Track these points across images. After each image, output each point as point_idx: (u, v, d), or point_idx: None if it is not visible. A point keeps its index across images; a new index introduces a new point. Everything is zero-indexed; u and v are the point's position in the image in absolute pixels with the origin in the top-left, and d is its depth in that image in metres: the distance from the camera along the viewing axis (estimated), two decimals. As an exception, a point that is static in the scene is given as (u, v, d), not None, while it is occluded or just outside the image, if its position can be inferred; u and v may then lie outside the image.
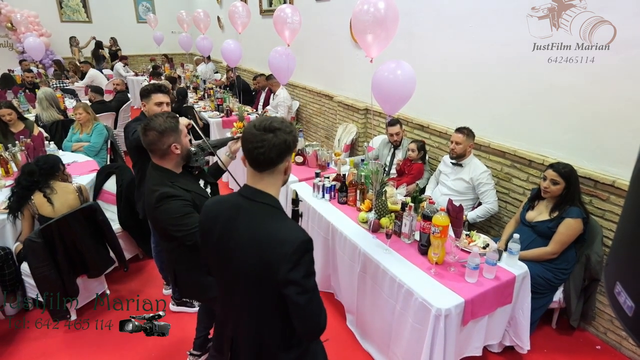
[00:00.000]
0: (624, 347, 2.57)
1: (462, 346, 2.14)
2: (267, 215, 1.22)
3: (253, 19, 6.05)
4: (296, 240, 1.15)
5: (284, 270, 1.13)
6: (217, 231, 1.27)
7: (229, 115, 5.68)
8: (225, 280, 1.32)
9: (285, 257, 1.13)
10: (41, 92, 4.93)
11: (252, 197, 1.24)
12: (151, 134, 1.78)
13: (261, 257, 1.16)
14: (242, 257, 1.20)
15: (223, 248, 1.26)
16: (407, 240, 2.46)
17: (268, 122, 1.20)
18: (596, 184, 2.57)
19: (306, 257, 1.16)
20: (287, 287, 1.14)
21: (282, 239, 1.16)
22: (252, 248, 1.18)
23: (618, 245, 0.62)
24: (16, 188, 2.70)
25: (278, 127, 1.19)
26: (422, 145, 3.61)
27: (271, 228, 1.19)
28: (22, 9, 9.36)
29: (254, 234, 1.19)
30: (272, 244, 1.16)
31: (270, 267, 1.14)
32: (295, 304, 1.16)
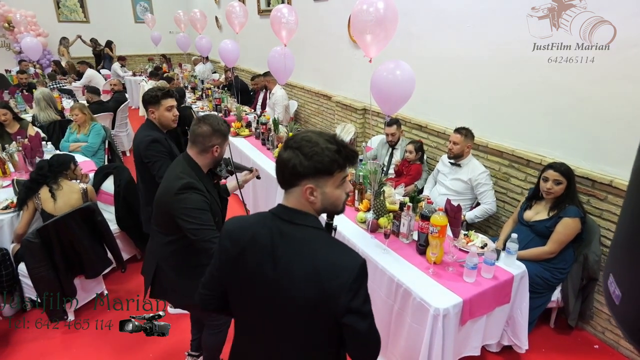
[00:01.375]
0: (621, 346, 2.57)
1: (460, 346, 2.14)
2: (315, 240, 1.11)
3: (251, 19, 6.04)
4: (355, 267, 1.06)
5: (345, 300, 1.04)
6: (253, 259, 1.14)
7: (227, 115, 5.68)
8: (261, 316, 1.18)
9: (345, 286, 1.04)
10: (39, 93, 4.91)
11: (291, 219, 1.13)
12: (204, 128, 1.84)
13: (318, 287, 1.06)
14: (292, 289, 1.09)
15: (264, 279, 1.13)
16: (406, 240, 2.46)
17: (293, 138, 1.12)
18: (594, 184, 2.58)
19: (365, 282, 1.09)
20: (348, 316, 1.06)
21: (340, 266, 1.06)
22: (305, 278, 1.07)
23: (615, 242, 0.62)
24: (27, 181, 2.80)
25: (293, 145, 1.11)
26: (420, 146, 3.61)
27: (324, 254, 1.08)
28: (20, 9, 9.33)
29: (307, 263, 1.08)
30: (330, 273, 1.05)
31: (328, 297, 1.05)
32: (357, 331, 1.08)
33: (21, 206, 2.76)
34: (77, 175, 3.03)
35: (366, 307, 1.09)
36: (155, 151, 2.49)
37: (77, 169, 3.06)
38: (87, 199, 2.88)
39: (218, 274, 1.24)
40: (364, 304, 1.07)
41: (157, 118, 2.57)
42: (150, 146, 2.49)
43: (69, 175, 2.94)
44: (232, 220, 1.23)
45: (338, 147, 1.09)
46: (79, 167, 3.10)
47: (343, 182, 1.15)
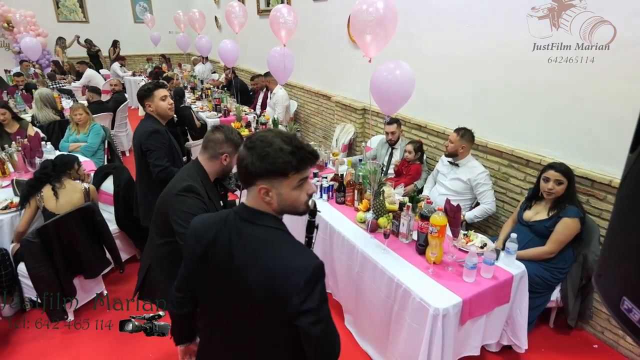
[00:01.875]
0: (621, 345, 2.58)
1: (460, 346, 2.15)
2: (272, 240, 1.10)
3: (250, 19, 6.04)
4: (308, 268, 1.04)
5: (297, 302, 1.02)
6: (215, 258, 1.15)
7: (227, 115, 5.68)
8: (221, 315, 1.19)
9: (297, 288, 1.02)
10: (37, 93, 4.91)
11: (252, 219, 1.12)
12: (218, 135, 1.87)
13: (270, 289, 1.05)
14: (248, 289, 1.09)
15: (223, 278, 1.14)
16: (405, 240, 2.46)
17: (251, 138, 1.11)
18: (593, 184, 2.58)
19: (319, 284, 1.06)
20: (300, 318, 1.04)
21: (292, 267, 1.04)
22: (259, 279, 1.07)
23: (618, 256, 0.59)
24: (31, 180, 2.84)
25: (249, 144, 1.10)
26: (420, 146, 3.61)
27: (279, 255, 1.07)
28: (19, 9, 9.32)
29: (261, 263, 1.07)
30: (282, 274, 1.04)
31: (281, 298, 1.04)
32: (309, 335, 1.06)
33: (23, 204, 2.77)
34: (80, 175, 3.05)
35: (321, 311, 1.07)
36: (155, 141, 2.57)
37: (81, 169, 3.07)
38: (89, 199, 2.88)
39: (187, 274, 1.26)
40: (317, 307, 1.05)
41: (155, 110, 2.65)
42: (151, 136, 2.57)
43: (72, 175, 2.95)
44: (197, 218, 1.23)
45: (293, 148, 1.06)
46: (82, 167, 3.11)
47: (302, 183, 1.12)
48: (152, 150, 2.55)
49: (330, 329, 1.12)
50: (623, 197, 0.59)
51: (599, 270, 0.64)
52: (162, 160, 2.55)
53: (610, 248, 0.63)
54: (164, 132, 2.64)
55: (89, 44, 10.30)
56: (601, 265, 0.64)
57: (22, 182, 3.08)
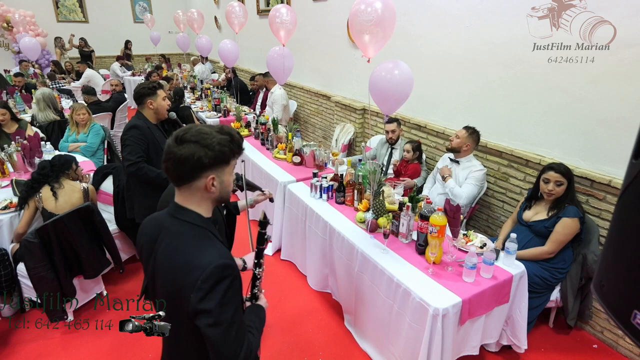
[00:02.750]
0: (620, 345, 2.58)
1: (459, 345, 2.15)
2: (185, 236, 1.11)
3: (250, 19, 6.04)
4: (208, 266, 1.03)
5: (194, 300, 1.02)
6: (144, 253, 1.20)
7: (227, 115, 5.68)
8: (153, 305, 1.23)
9: (194, 285, 1.02)
10: (39, 93, 4.90)
11: (175, 214, 1.14)
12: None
13: (174, 284, 1.07)
14: (160, 282, 1.13)
15: (150, 272, 1.18)
16: (405, 240, 2.46)
17: (184, 132, 1.09)
18: (592, 184, 2.58)
19: (221, 285, 1.03)
20: (197, 317, 1.03)
21: (193, 264, 1.04)
22: (167, 273, 1.10)
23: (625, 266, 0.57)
24: (29, 180, 2.84)
25: (191, 139, 1.08)
26: (418, 145, 3.61)
27: (185, 250, 1.08)
28: (18, 9, 9.32)
29: (169, 257, 1.10)
30: (184, 269, 1.05)
31: (182, 294, 1.04)
32: (207, 336, 1.04)
33: (22, 205, 2.77)
34: (78, 176, 3.05)
35: (221, 315, 1.03)
36: (131, 136, 2.64)
37: (79, 169, 3.07)
38: (88, 199, 2.88)
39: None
40: (216, 308, 1.02)
41: (156, 108, 2.73)
42: (129, 131, 2.66)
43: (71, 175, 2.95)
44: (149, 216, 1.27)
45: (229, 136, 1.13)
46: (80, 167, 3.11)
47: (233, 168, 1.20)
48: (126, 144, 2.63)
49: (233, 336, 1.06)
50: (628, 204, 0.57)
51: (601, 280, 0.62)
52: (133, 155, 2.62)
53: (613, 257, 0.60)
54: (145, 129, 2.69)
55: (84, 42, 10.21)
56: (603, 275, 0.62)
57: (21, 182, 3.07)
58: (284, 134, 4.20)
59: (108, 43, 11.07)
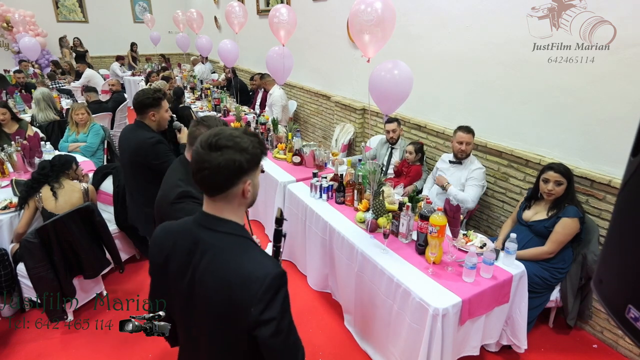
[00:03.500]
0: (620, 345, 2.58)
1: (459, 346, 2.15)
2: (231, 248, 1.06)
3: (250, 19, 6.04)
4: (267, 277, 1.00)
5: (256, 312, 0.99)
6: (174, 268, 1.11)
7: (226, 115, 5.68)
8: (186, 323, 1.16)
9: (255, 297, 0.99)
10: (38, 93, 4.91)
11: (211, 226, 1.08)
12: (203, 130, 1.79)
13: (228, 299, 1.02)
14: (206, 299, 1.06)
15: (183, 288, 1.10)
16: (405, 240, 2.46)
17: (216, 138, 1.02)
18: (592, 184, 2.58)
19: (280, 294, 1.02)
20: (259, 329, 1.00)
21: (250, 276, 1.00)
22: (217, 289, 1.03)
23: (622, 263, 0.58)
24: (29, 180, 2.83)
25: (226, 144, 1.02)
26: (420, 147, 3.60)
27: (237, 263, 1.03)
28: (18, 9, 9.31)
29: (218, 272, 1.04)
30: (240, 283, 1.00)
31: (239, 309, 1.00)
32: (269, 346, 1.02)
33: (22, 205, 2.77)
34: (78, 176, 3.05)
35: (282, 322, 1.02)
36: (165, 151, 2.49)
37: (79, 169, 3.07)
38: (87, 199, 2.88)
39: (154, 284, 1.23)
40: (278, 317, 1.01)
41: (158, 121, 2.54)
42: (157, 147, 2.47)
43: (71, 175, 2.95)
44: (160, 227, 1.20)
45: (256, 137, 1.10)
46: (80, 167, 3.11)
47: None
48: (164, 160, 2.41)
49: (292, 341, 1.07)
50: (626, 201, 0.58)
51: (599, 276, 0.63)
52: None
53: (611, 253, 0.61)
54: (165, 141, 2.55)
55: (79, 41, 10.06)
56: (602, 271, 0.63)
57: (21, 182, 3.07)
58: (284, 134, 4.20)
59: (108, 43, 11.06)
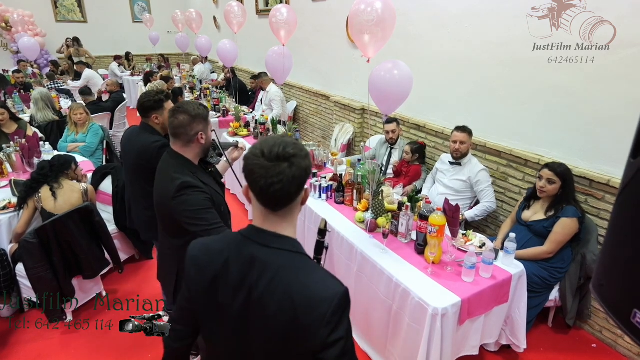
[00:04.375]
0: (619, 345, 2.58)
1: (459, 345, 2.15)
2: (293, 267, 0.99)
3: (249, 19, 6.04)
4: (334, 298, 0.94)
5: (324, 334, 0.93)
6: (225, 290, 1.02)
7: (226, 115, 5.68)
8: (235, 350, 1.08)
9: (324, 319, 0.93)
10: (37, 93, 4.90)
11: (267, 243, 0.99)
12: (182, 117, 1.70)
13: (292, 320, 0.95)
14: (267, 321, 0.98)
15: (235, 310, 1.02)
16: (404, 239, 2.46)
17: (280, 147, 0.93)
18: (591, 183, 2.58)
19: (346, 314, 0.97)
20: (326, 351, 0.94)
21: (317, 297, 0.94)
22: (280, 310, 0.96)
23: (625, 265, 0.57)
24: (28, 181, 2.83)
25: (293, 152, 0.94)
26: (419, 148, 3.59)
27: (301, 283, 0.96)
28: (17, 9, 9.30)
29: (281, 293, 0.96)
30: (306, 304, 0.94)
31: (305, 331, 0.94)
32: None
33: (21, 205, 2.77)
34: (77, 176, 3.04)
35: (347, 342, 0.97)
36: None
37: (78, 169, 3.07)
38: (87, 199, 2.88)
39: (189, 306, 1.13)
40: (345, 337, 0.96)
41: (162, 123, 2.35)
42: (162, 151, 2.20)
43: (70, 175, 2.95)
44: (196, 245, 1.11)
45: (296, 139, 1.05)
46: (79, 167, 3.10)
47: None
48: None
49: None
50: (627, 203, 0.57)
51: (600, 279, 0.61)
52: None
53: (612, 256, 0.60)
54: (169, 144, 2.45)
55: (71, 41, 9.90)
56: (602, 273, 0.62)
57: (20, 182, 3.07)
58: (283, 134, 4.20)
59: (107, 43, 11.05)
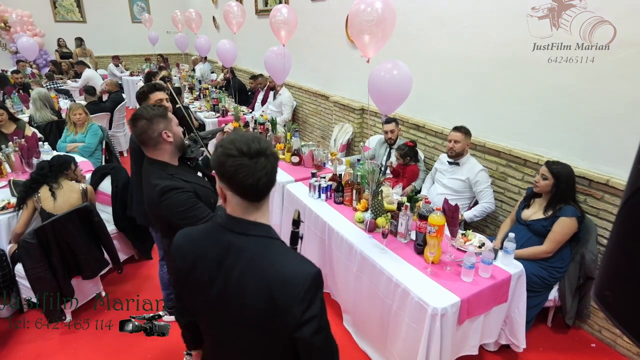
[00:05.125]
0: (618, 344, 2.59)
1: (458, 345, 2.15)
2: (267, 251, 1.07)
3: (248, 19, 6.04)
4: (308, 277, 1.02)
5: (298, 312, 1.00)
6: (203, 274, 1.10)
7: (225, 115, 5.67)
8: (216, 327, 1.16)
9: (298, 297, 1.00)
10: (35, 93, 4.89)
11: (244, 231, 1.07)
12: (140, 123, 1.73)
13: (268, 300, 1.02)
14: (243, 303, 1.05)
15: (214, 294, 1.09)
16: (404, 239, 2.46)
17: (256, 143, 1.02)
18: (590, 183, 2.59)
19: (319, 292, 1.04)
20: (301, 329, 1.01)
21: (291, 277, 1.02)
22: (256, 291, 1.03)
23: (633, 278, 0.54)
24: (28, 181, 2.83)
25: (266, 145, 1.04)
26: (408, 150, 3.52)
27: (275, 265, 1.04)
28: (16, 9, 9.29)
29: (257, 275, 1.03)
30: (281, 284, 1.01)
31: (280, 309, 1.01)
32: (310, 346, 1.03)
33: (20, 205, 2.76)
34: (77, 176, 3.04)
35: (322, 320, 1.04)
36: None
37: (78, 169, 3.06)
38: (86, 199, 2.87)
39: (178, 290, 1.23)
40: (319, 315, 1.03)
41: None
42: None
43: (70, 176, 2.94)
44: (181, 234, 1.19)
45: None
46: (79, 168, 3.10)
47: None
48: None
49: (331, 339, 1.09)
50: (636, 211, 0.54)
51: (603, 287, 0.59)
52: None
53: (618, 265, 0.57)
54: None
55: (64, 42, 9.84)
56: (606, 280, 0.59)
57: (19, 182, 3.07)
58: (283, 134, 4.20)
59: (106, 43, 11.04)
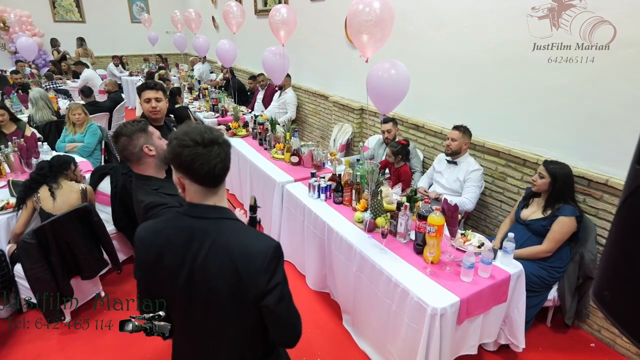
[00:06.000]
0: (617, 344, 2.59)
1: (457, 345, 2.15)
2: (228, 230, 1.15)
3: (248, 19, 6.04)
4: (269, 249, 1.11)
5: (263, 282, 1.09)
6: (170, 262, 1.16)
7: (224, 115, 5.67)
8: (186, 312, 1.21)
9: (262, 269, 1.09)
10: (35, 93, 4.89)
11: (204, 215, 1.15)
12: (121, 140, 1.74)
13: (233, 274, 1.10)
14: (211, 281, 1.12)
15: (181, 279, 1.15)
16: (403, 239, 2.46)
17: (208, 132, 1.11)
18: (590, 183, 2.59)
19: (280, 263, 1.14)
20: (266, 297, 1.10)
21: (253, 250, 1.11)
22: (222, 268, 1.11)
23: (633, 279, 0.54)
24: (27, 181, 2.82)
25: (218, 134, 1.12)
26: (401, 148, 3.51)
27: (238, 242, 1.12)
28: (15, 9, 9.27)
29: (221, 253, 1.11)
30: (244, 258, 1.10)
31: (246, 282, 1.09)
32: (274, 313, 1.12)
33: (20, 205, 2.76)
34: (77, 176, 3.04)
35: (284, 287, 1.14)
36: None
37: (77, 169, 3.06)
38: (86, 199, 2.87)
39: (143, 284, 1.29)
40: (281, 285, 1.12)
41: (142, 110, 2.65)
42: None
43: (69, 176, 2.94)
44: (142, 227, 1.25)
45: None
46: (78, 168, 3.10)
47: None
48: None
49: (293, 308, 1.18)
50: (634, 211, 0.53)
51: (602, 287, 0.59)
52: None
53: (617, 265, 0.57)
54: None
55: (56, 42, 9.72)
56: (605, 280, 0.59)
57: (18, 182, 3.06)
58: (282, 134, 4.20)
59: (105, 43, 11.02)
